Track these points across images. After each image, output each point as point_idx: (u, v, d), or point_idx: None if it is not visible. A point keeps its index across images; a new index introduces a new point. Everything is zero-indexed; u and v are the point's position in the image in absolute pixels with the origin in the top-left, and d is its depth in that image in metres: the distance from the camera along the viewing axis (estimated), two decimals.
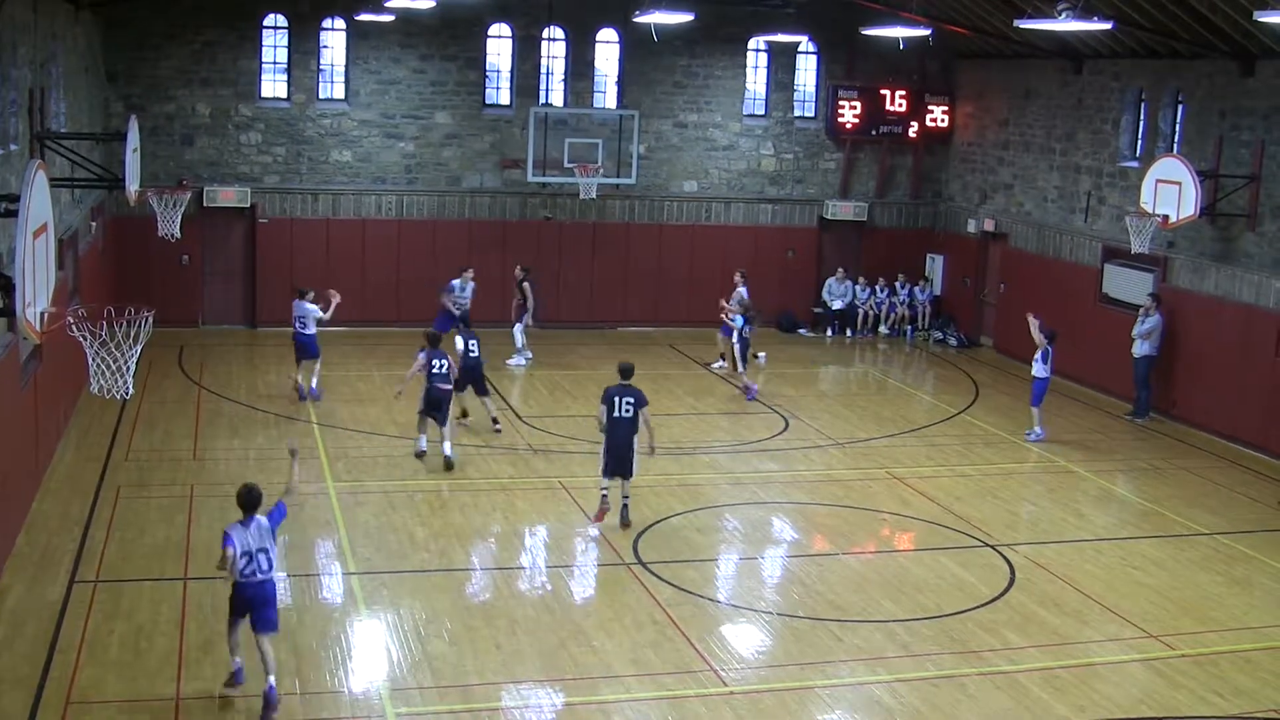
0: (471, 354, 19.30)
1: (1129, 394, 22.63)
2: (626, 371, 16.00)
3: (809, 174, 29.22)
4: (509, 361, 24.17)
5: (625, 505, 15.79)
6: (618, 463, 15.67)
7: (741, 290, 24.39)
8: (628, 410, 15.60)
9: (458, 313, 23.55)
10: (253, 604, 11.07)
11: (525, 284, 24.29)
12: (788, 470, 18.80)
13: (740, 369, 22.96)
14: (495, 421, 19.78)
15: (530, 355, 24.38)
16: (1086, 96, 25.02)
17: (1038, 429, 20.66)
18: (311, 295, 21.35)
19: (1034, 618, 13.63)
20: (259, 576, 11.05)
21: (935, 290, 29.47)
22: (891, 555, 15.69)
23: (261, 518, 11.10)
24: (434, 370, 18.00)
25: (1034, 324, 20.68)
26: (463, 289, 23.88)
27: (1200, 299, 21.80)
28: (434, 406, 18.01)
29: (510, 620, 12.97)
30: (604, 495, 15.80)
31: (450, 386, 18.23)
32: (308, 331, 20.99)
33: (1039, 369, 20.60)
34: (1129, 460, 20.06)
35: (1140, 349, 22.00)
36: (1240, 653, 12.93)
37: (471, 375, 19.41)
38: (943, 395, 23.81)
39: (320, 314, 21.07)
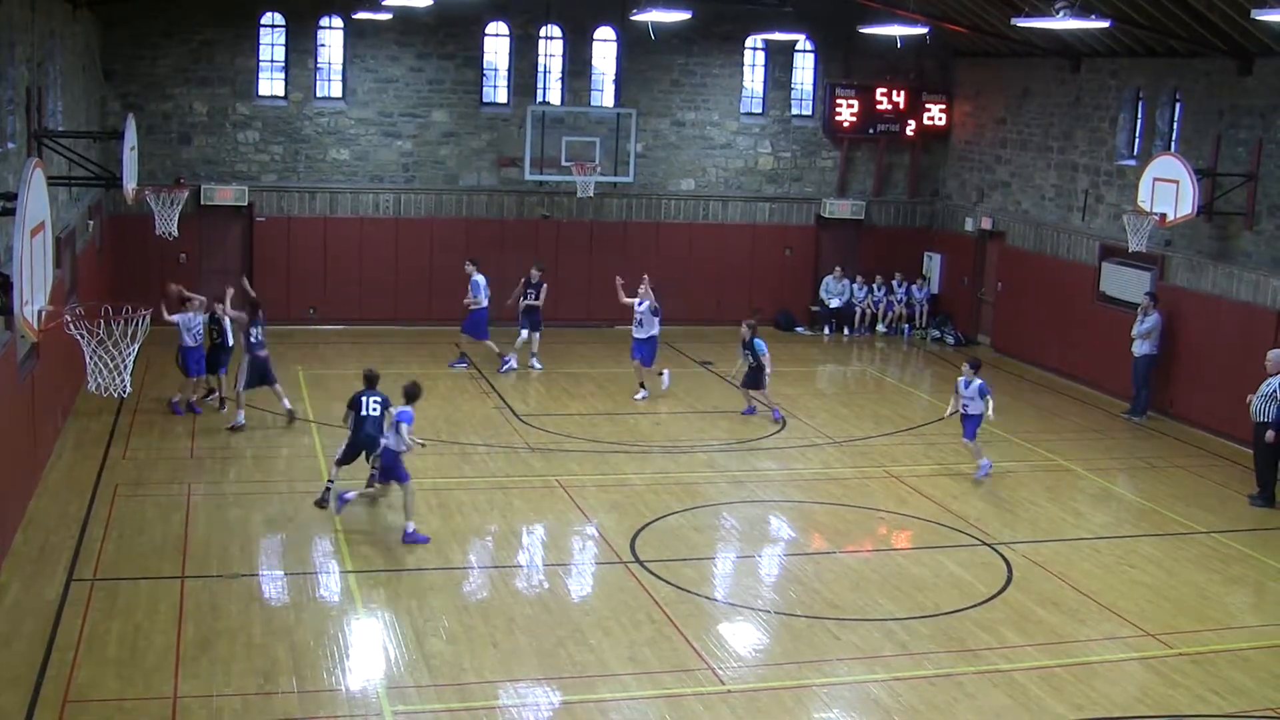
0: (256, 341, 19.41)
1: (1127, 392, 22.64)
2: (372, 379, 16.46)
3: (806, 172, 29.23)
4: (532, 365, 23.82)
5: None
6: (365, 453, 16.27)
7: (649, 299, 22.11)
8: (374, 409, 16.11)
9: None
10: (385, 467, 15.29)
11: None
12: (785, 469, 18.81)
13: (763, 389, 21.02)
14: (292, 414, 19.76)
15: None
16: (1084, 95, 25.03)
17: (985, 460, 18.52)
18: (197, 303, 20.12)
19: (1031, 616, 13.63)
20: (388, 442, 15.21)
21: (933, 289, 29.48)
22: (889, 554, 15.69)
23: (402, 409, 15.33)
24: (253, 340, 19.24)
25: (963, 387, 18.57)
26: None
27: (1198, 297, 21.81)
28: (263, 375, 19.36)
29: (508, 619, 12.97)
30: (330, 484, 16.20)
31: (266, 353, 19.35)
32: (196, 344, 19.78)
33: (978, 406, 18.34)
34: (1126, 459, 20.07)
35: (1140, 348, 22.00)
36: (1237, 651, 12.94)
37: (261, 366, 19.44)
38: (940, 394, 23.77)
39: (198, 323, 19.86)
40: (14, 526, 14.51)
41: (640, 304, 21.96)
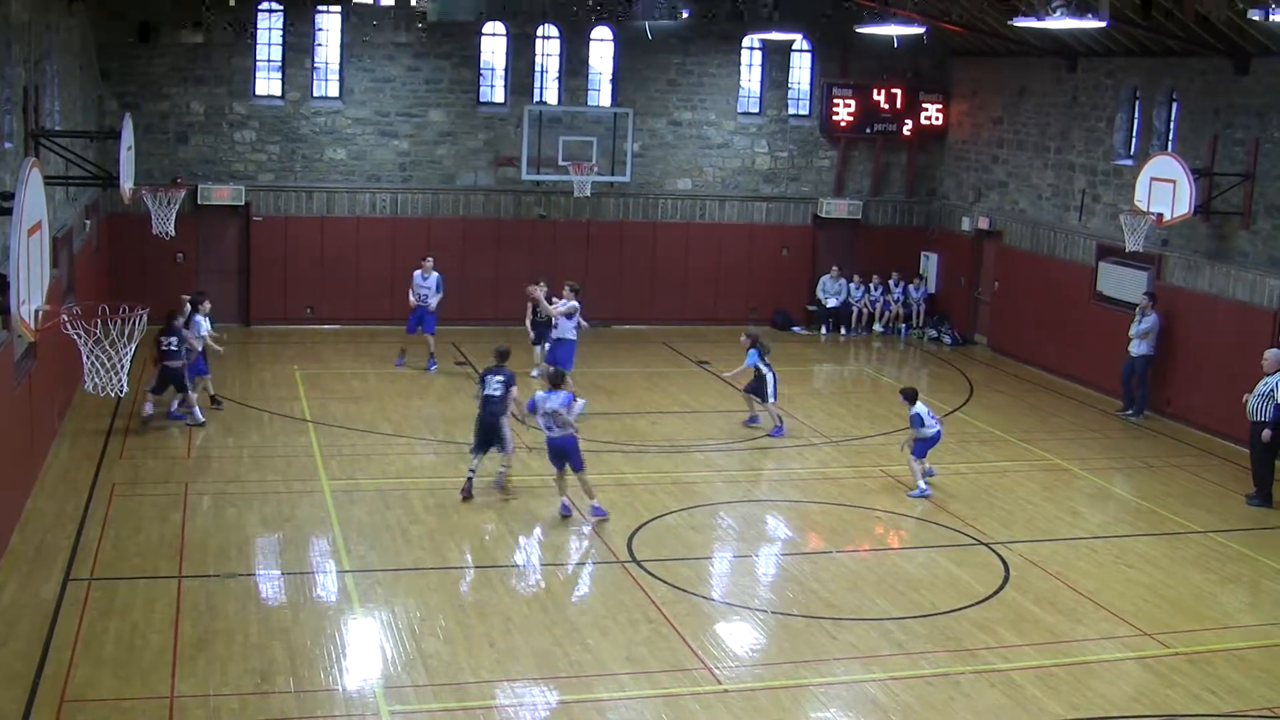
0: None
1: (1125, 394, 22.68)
2: (502, 355, 17.14)
3: (803, 172, 29.24)
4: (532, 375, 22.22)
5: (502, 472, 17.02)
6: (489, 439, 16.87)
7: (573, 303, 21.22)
8: (496, 389, 16.65)
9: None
10: (559, 453, 15.77)
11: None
12: (782, 468, 18.81)
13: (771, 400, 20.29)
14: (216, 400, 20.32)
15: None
16: (1081, 94, 25.05)
17: (921, 484, 17.67)
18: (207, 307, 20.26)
19: (1028, 616, 13.64)
20: (553, 432, 15.65)
21: (929, 288, 29.49)
22: (886, 553, 15.70)
23: (558, 392, 15.71)
24: (163, 348, 18.81)
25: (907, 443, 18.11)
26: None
27: (1195, 297, 21.83)
28: (165, 382, 19.08)
29: (504, 618, 12.97)
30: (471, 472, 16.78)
31: (180, 363, 18.96)
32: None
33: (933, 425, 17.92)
34: (1123, 458, 20.08)
35: (1138, 348, 22.02)
36: (1234, 651, 12.95)
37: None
38: (937, 393, 23.78)
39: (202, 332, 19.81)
40: (11, 526, 14.50)
41: (561, 304, 21.16)
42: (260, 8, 26.19)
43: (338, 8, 26.41)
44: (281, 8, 26.25)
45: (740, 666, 12.19)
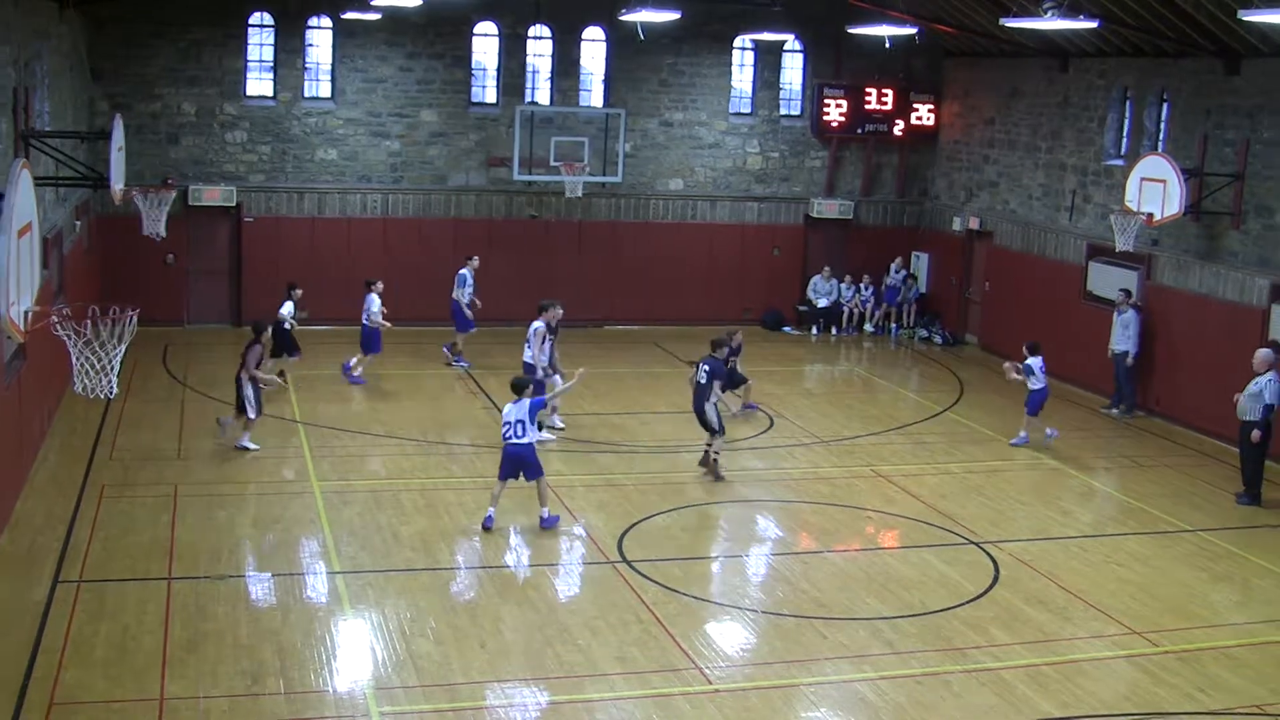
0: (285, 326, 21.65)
1: (1113, 391, 22.72)
2: (714, 344, 18.48)
3: (795, 172, 29.25)
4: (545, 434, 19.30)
5: (714, 459, 17.87)
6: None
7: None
8: (702, 377, 17.84)
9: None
10: (516, 461, 15.30)
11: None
12: (773, 468, 18.82)
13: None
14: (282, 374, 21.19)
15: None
16: (1072, 95, 25.09)
17: (1023, 433, 20.52)
18: (379, 286, 22.88)
19: (1019, 615, 13.66)
20: (515, 440, 15.24)
21: (921, 288, 29.52)
22: (877, 553, 15.71)
23: (524, 400, 15.38)
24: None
25: (1013, 367, 20.53)
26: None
27: (1185, 296, 21.87)
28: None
29: (495, 619, 12.97)
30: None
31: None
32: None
33: (1036, 382, 20.31)
34: (1113, 457, 20.12)
35: (1120, 345, 22.10)
36: (1224, 649, 12.98)
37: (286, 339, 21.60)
38: (928, 393, 23.85)
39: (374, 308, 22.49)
40: (0, 528, 14.47)
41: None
42: (251, 22, 26.18)
43: (329, 22, 26.39)
44: (274, 23, 26.23)
45: (731, 666, 12.20)
